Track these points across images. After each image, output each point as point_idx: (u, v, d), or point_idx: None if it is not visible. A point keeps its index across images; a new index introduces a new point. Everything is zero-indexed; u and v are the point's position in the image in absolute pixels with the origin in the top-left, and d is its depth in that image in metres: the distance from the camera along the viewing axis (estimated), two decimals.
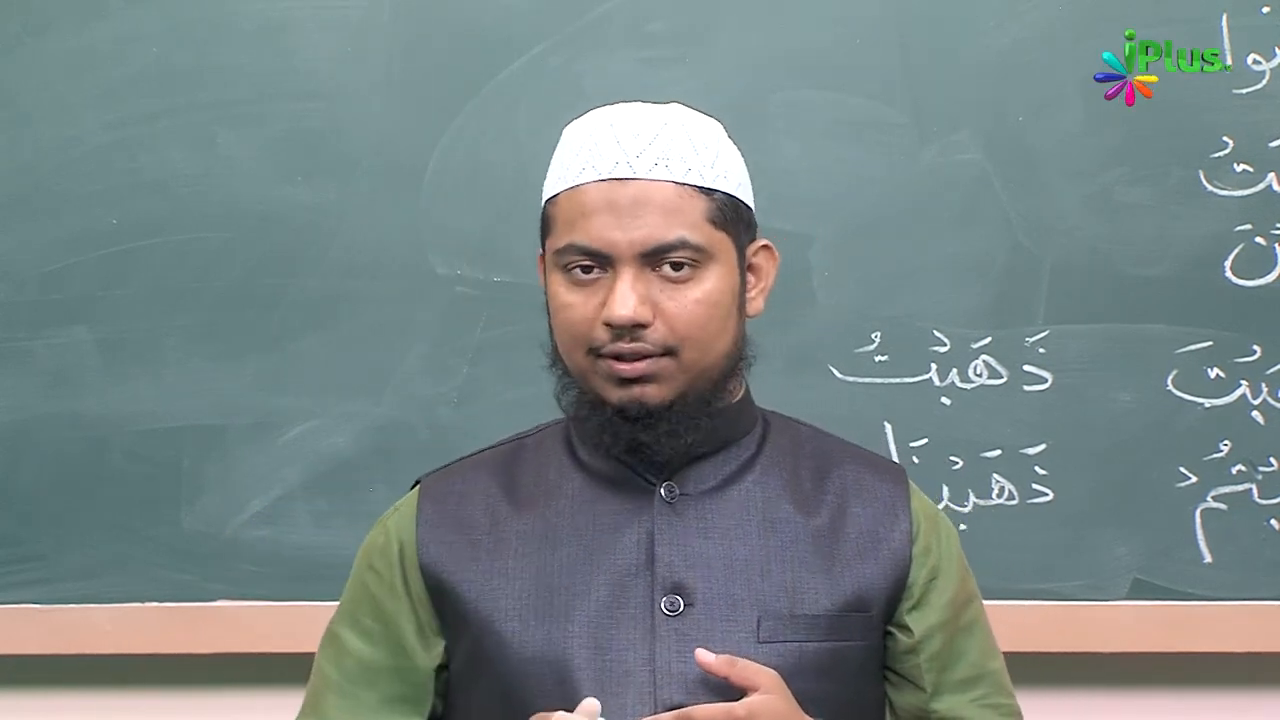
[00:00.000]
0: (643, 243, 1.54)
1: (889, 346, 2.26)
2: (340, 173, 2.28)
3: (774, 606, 1.56)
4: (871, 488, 1.64)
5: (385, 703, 1.63)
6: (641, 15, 2.27)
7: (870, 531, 1.61)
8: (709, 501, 1.61)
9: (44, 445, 2.29)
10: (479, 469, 1.68)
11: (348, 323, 2.29)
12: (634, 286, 1.53)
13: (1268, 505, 2.25)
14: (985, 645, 1.68)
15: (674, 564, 1.57)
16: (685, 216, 1.56)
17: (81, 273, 2.29)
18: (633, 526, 1.59)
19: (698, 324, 1.55)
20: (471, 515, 1.63)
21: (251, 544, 2.29)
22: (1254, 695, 2.32)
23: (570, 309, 1.57)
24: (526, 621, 1.57)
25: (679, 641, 1.54)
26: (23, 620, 2.29)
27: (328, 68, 2.28)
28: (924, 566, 1.63)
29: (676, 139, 1.58)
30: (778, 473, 1.64)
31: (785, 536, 1.60)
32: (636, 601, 1.56)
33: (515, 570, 1.59)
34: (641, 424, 1.56)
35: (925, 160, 2.26)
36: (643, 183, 1.56)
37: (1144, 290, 2.25)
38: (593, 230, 1.55)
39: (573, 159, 1.59)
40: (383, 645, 1.64)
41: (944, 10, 2.25)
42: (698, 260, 1.56)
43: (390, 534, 1.66)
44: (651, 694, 1.53)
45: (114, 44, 2.29)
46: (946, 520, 1.69)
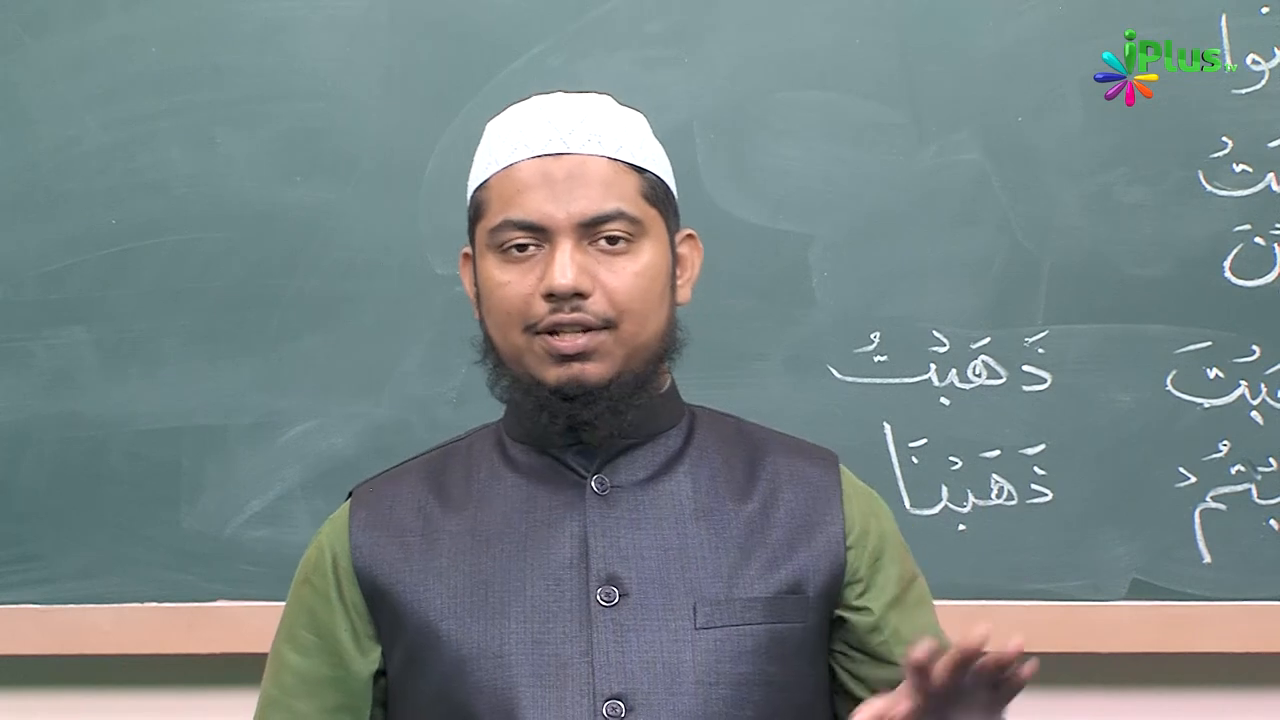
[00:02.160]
0: (580, 214, 1.55)
1: (888, 347, 2.26)
2: (340, 173, 2.28)
3: (709, 592, 1.57)
4: (804, 474, 1.65)
5: (324, 713, 1.63)
6: (641, 15, 2.27)
7: (804, 515, 1.62)
8: (641, 493, 1.61)
9: (44, 445, 2.29)
10: (409, 475, 1.68)
11: (347, 323, 2.29)
12: (573, 256, 1.54)
13: (1267, 505, 2.25)
14: (937, 622, 1.68)
15: (608, 556, 1.58)
16: (620, 190, 1.57)
17: (81, 273, 2.29)
18: (566, 521, 1.59)
19: (637, 296, 1.56)
20: (404, 519, 1.63)
21: (251, 544, 2.29)
22: (1253, 695, 2.32)
23: (506, 286, 1.57)
24: (462, 619, 1.57)
25: (616, 631, 1.55)
26: (22, 620, 2.29)
27: (328, 68, 2.28)
28: (865, 549, 1.63)
29: (606, 119, 1.61)
30: (708, 463, 1.64)
31: (718, 524, 1.60)
32: (572, 594, 1.56)
33: (449, 569, 1.59)
34: (580, 402, 1.56)
35: (925, 160, 2.26)
36: (577, 157, 1.57)
37: (1143, 290, 2.25)
38: (529, 205, 1.56)
39: (501, 145, 1.61)
40: (319, 656, 1.64)
41: (944, 10, 2.25)
42: (633, 234, 1.57)
43: (323, 546, 1.66)
44: (590, 684, 1.53)
45: (114, 44, 2.29)
46: (881, 501, 1.70)
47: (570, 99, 1.64)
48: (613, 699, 1.53)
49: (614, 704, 1.53)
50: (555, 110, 1.61)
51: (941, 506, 2.25)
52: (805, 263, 2.26)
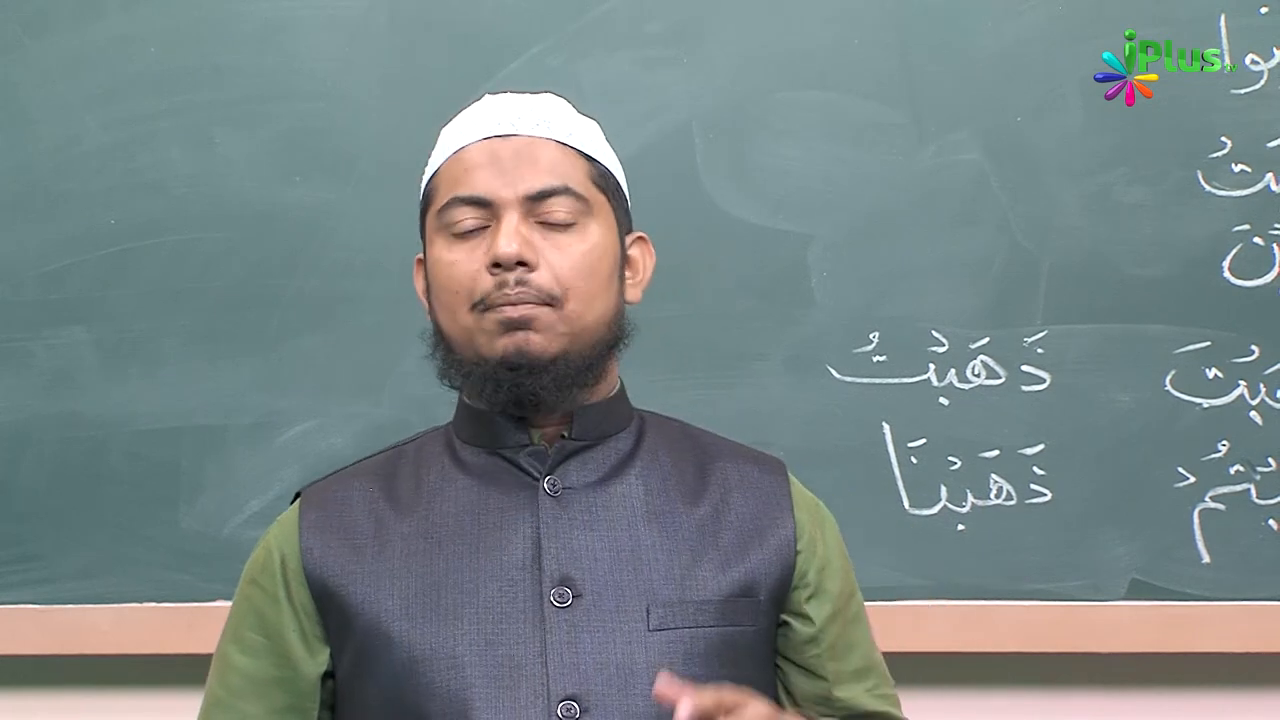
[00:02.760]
0: (527, 189, 1.56)
1: (887, 347, 2.26)
2: (340, 173, 2.28)
3: (662, 594, 1.57)
4: (753, 480, 1.65)
5: (272, 714, 1.62)
6: (641, 15, 2.27)
7: (753, 520, 1.62)
8: (593, 494, 1.61)
9: (43, 445, 2.29)
10: (359, 476, 1.67)
11: (347, 323, 2.29)
12: (518, 228, 1.55)
13: (1266, 505, 2.25)
14: (870, 637, 1.70)
15: (561, 557, 1.57)
16: (568, 170, 1.58)
17: (81, 273, 2.29)
18: (518, 522, 1.59)
19: (582, 273, 1.56)
20: (354, 520, 1.63)
21: (250, 544, 2.24)
22: (1252, 695, 2.32)
23: (454, 265, 1.57)
24: (415, 621, 1.56)
25: (570, 632, 1.55)
26: (21, 620, 2.29)
27: (327, 68, 2.28)
28: (814, 556, 1.64)
29: (557, 111, 1.62)
30: (658, 466, 1.64)
31: (670, 526, 1.60)
32: (525, 596, 1.56)
33: (401, 571, 1.59)
34: (525, 370, 1.55)
35: (924, 160, 2.26)
36: (525, 138, 1.59)
37: (1142, 290, 2.25)
38: (476, 182, 1.57)
39: (451, 139, 1.62)
40: (266, 657, 1.63)
41: (943, 10, 2.25)
42: (580, 212, 1.57)
43: (271, 547, 1.65)
44: (544, 685, 1.53)
45: (114, 44, 2.29)
46: (827, 511, 1.70)
47: (522, 95, 1.66)
48: (567, 700, 1.53)
49: (568, 705, 1.53)
50: (506, 100, 1.64)
51: (941, 507, 2.25)
52: (805, 263, 2.26)
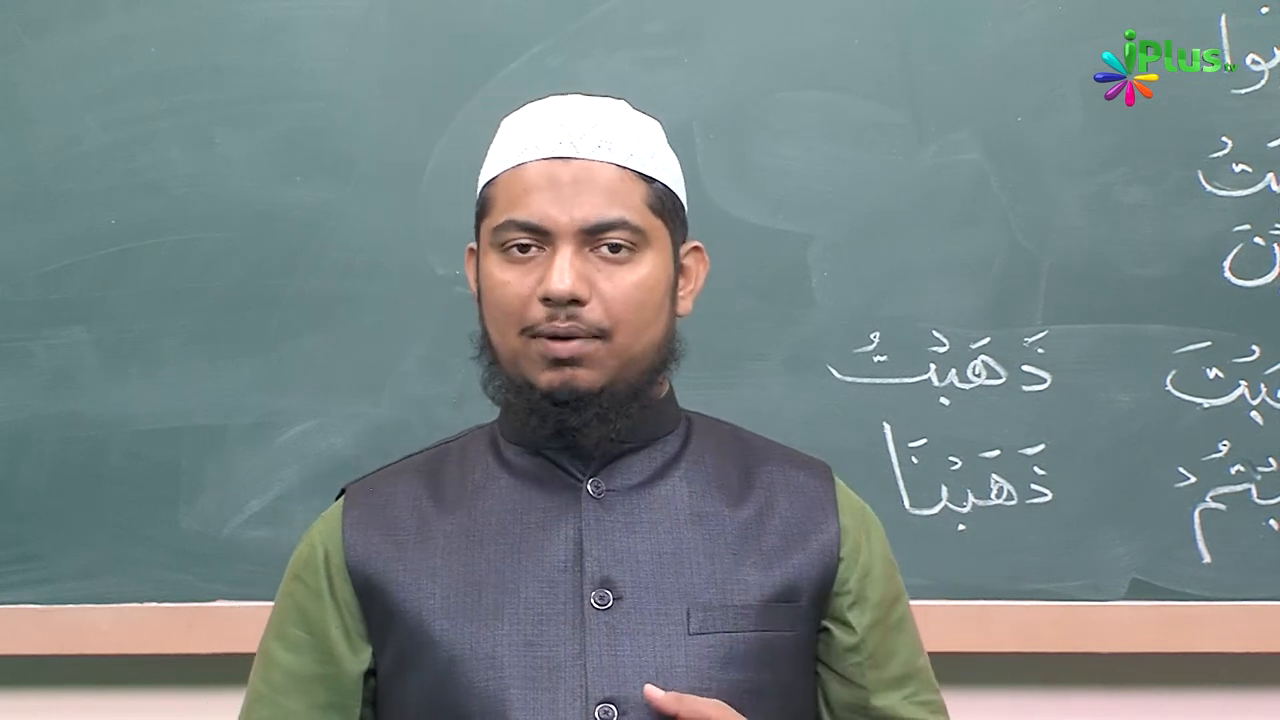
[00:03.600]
0: (583, 220, 1.55)
1: (888, 347, 2.26)
2: (339, 173, 2.28)
3: (703, 598, 1.57)
4: (798, 484, 1.65)
5: (313, 710, 1.62)
6: (641, 15, 2.27)
7: (798, 525, 1.62)
8: (636, 497, 1.61)
9: (43, 445, 2.29)
10: (403, 474, 1.68)
11: (347, 323, 2.29)
12: (572, 262, 1.54)
13: (1266, 505, 2.25)
14: (914, 642, 1.69)
15: (602, 559, 1.57)
16: (626, 198, 1.57)
17: (81, 273, 2.29)
18: (560, 523, 1.59)
19: (633, 307, 1.56)
20: (398, 517, 1.63)
21: (250, 544, 2.29)
22: (1252, 695, 2.32)
23: (505, 286, 1.56)
24: (455, 620, 1.56)
25: (609, 635, 1.55)
26: (21, 620, 2.28)
27: (327, 68, 2.28)
28: (856, 563, 1.63)
29: (619, 126, 1.60)
30: (703, 469, 1.64)
31: (712, 529, 1.60)
32: (566, 597, 1.56)
33: (442, 569, 1.59)
34: (570, 408, 1.55)
35: (924, 160, 2.26)
36: (585, 162, 1.57)
37: (1143, 290, 2.25)
38: (533, 206, 1.56)
39: (512, 143, 1.60)
40: (309, 654, 1.63)
41: (944, 10, 2.26)
42: (636, 243, 1.56)
43: (315, 544, 1.66)
44: (582, 688, 1.53)
45: (114, 44, 2.29)
46: (874, 516, 1.70)
47: (585, 102, 1.63)
48: (605, 702, 1.53)
49: (606, 707, 1.53)
50: (568, 113, 1.61)
51: (941, 506, 2.25)
52: (805, 263, 2.26)
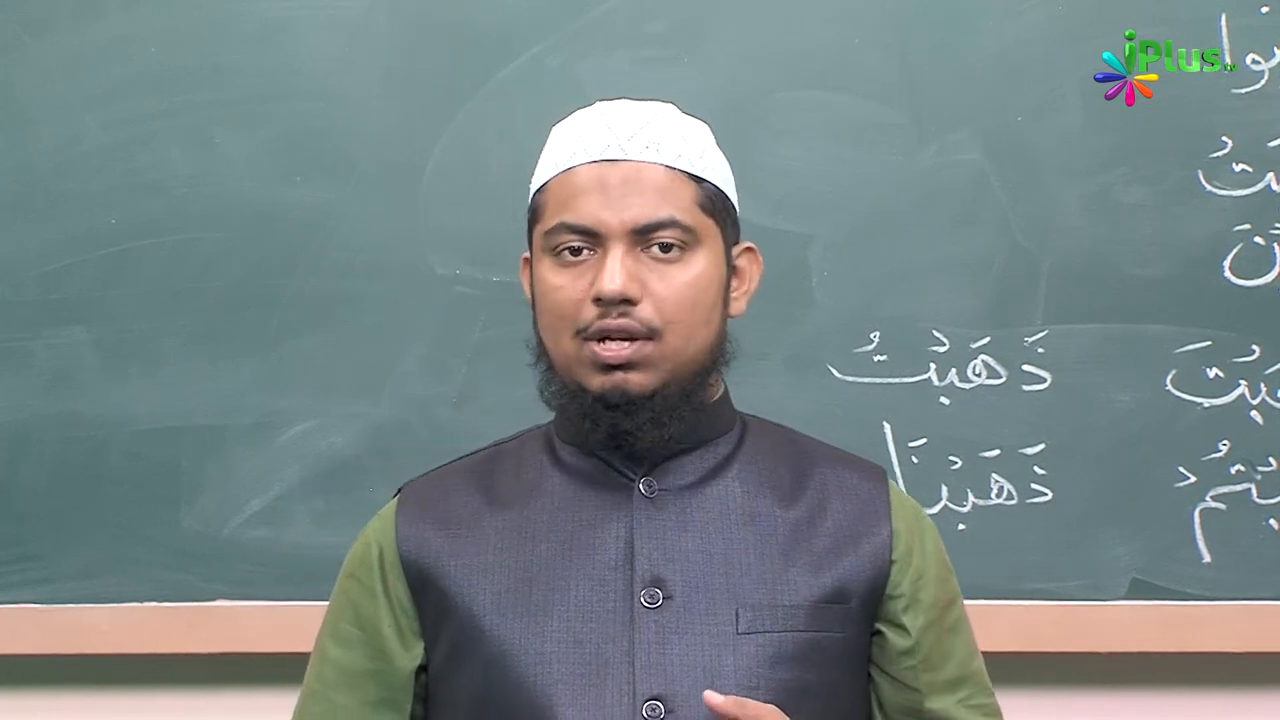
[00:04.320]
0: (633, 220, 1.55)
1: (888, 346, 2.26)
2: (339, 173, 2.28)
3: (753, 598, 1.57)
4: (852, 486, 1.65)
5: (365, 706, 1.63)
6: (641, 15, 2.27)
7: (850, 527, 1.62)
8: (688, 497, 1.61)
9: (43, 445, 2.29)
10: (457, 473, 1.69)
11: (347, 323, 2.29)
12: (623, 262, 1.54)
13: (1266, 505, 2.25)
14: (969, 646, 1.68)
15: (653, 558, 1.58)
16: (675, 198, 1.57)
17: (81, 273, 2.29)
18: (612, 521, 1.59)
19: (685, 306, 1.56)
20: (451, 513, 1.64)
21: (250, 544, 2.29)
22: (1253, 695, 2.32)
23: (559, 290, 1.57)
24: (506, 616, 1.57)
25: (658, 633, 1.55)
26: (21, 620, 2.29)
27: (327, 68, 2.28)
28: (909, 566, 1.63)
29: (666, 128, 1.60)
30: (756, 470, 1.64)
31: (764, 529, 1.60)
32: (616, 595, 1.57)
33: (495, 565, 1.59)
34: (623, 411, 1.56)
35: (924, 160, 2.26)
36: (634, 163, 1.57)
37: (1143, 290, 2.25)
38: (583, 209, 1.56)
39: (561, 148, 1.61)
40: (360, 650, 1.64)
41: (944, 10, 2.25)
42: (686, 242, 1.57)
43: (369, 540, 1.67)
44: (630, 685, 1.53)
45: (114, 44, 2.29)
46: (928, 519, 1.70)
47: (632, 105, 1.63)
48: (652, 700, 1.53)
49: (653, 705, 1.53)
50: (616, 116, 1.61)
51: (941, 506, 2.25)
52: (805, 263, 2.26)
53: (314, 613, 2.25)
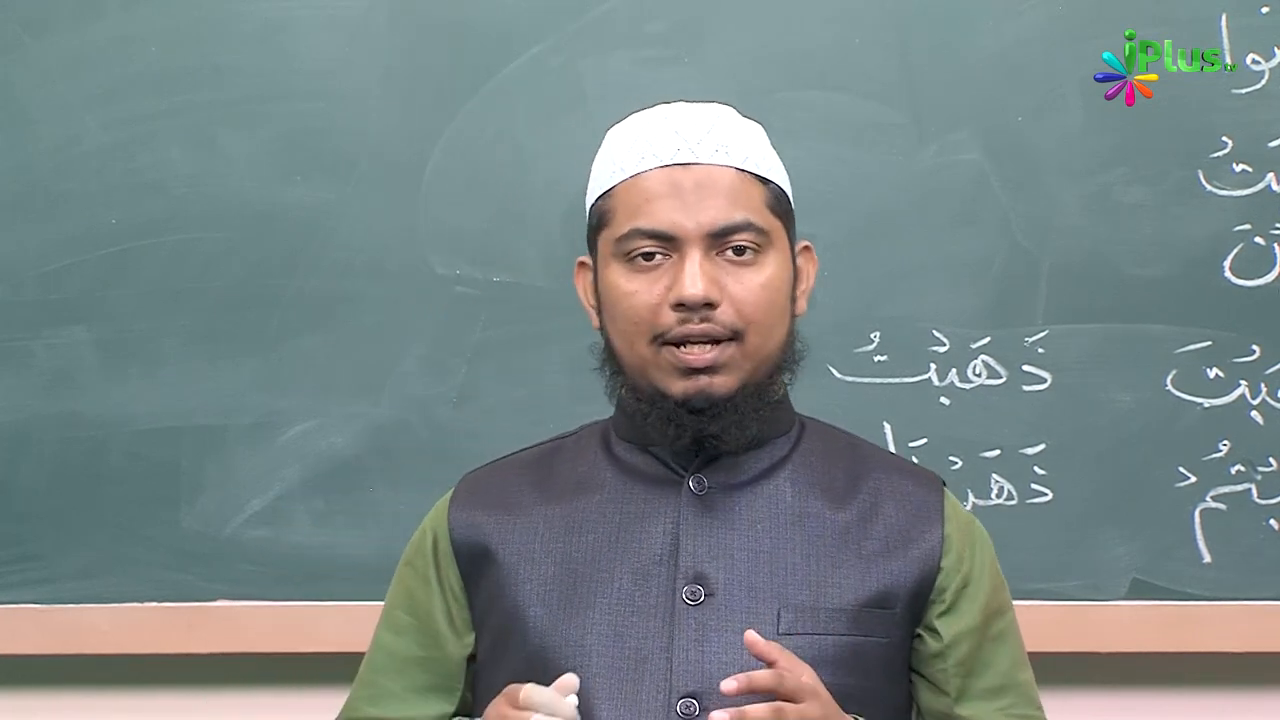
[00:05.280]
0: (710, 224, 1.55)
1: (888, 346, 2.26)
2: (340, 173, 2.28)
3: (795, 599, 1.57)
4: (907, 492, 1.65)
5: (412, 691, 1.65)
6: (641, 15, 2.27)
7: (901, 531, 1.61)
8: (738, 495, 1.61)
9: (44, 445, 2.29)
10: (515, 465, 1.70)
11: (347, 323, 2.29)
12: (702, 266, 1.54)
13: (1267, 505, 2.25)
14: (1015, 656, 1.68)
15: (697, 554, 1.58)
16: (747, 200, 1.58)
17: (81, 273, 2.29)
18: (659, 517, 1.60)
19: (763, 308, 1.57)
20: (503, 502, 1.65)
21: (250, 544, 2.29)
22: (1253, 695, 2.32)
23: (634, 296, 1.57)
24: (549, 606, 1.58)
25: (698, 630, 1.55)
26: (22, 620, 2.29)
27: (327, 68, 2.28)
28: (957, 573, 1.63)
29: (732, 131, 1.61)
30: (809, 472, 1.64)
31: (811, 530, 1.60)
32: (658, 590, 1.57)
33: (541, 554, 1.60)
34: (708, 415, 1.56)
35: (924, 160, 2.26)
36: (706, 167, 1.57)
37: (1143, 290, 2.25)
38: (658, 214, 1.56)
39: (626, 153, 1.60)
40: (411, 636, 1.66)
41: (944, 10, 2.25)
42: (760, 245, 1.57)
43: (425, 528, 1.68)
44: (667, 682, 1.54)
45: (114, 44, 2.29)
46: (982, 530, 1.69)
47: (695, 108, 1.63)
48: (687, 697, 1.53)
49: (688, 702, 1.53)
50: (681, 120, 1.61)
51: None
52: None
53: (314, 613, 2.27)
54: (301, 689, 2.31)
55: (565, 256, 2.26)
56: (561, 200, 2.24)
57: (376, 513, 2.27)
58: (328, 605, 2.26)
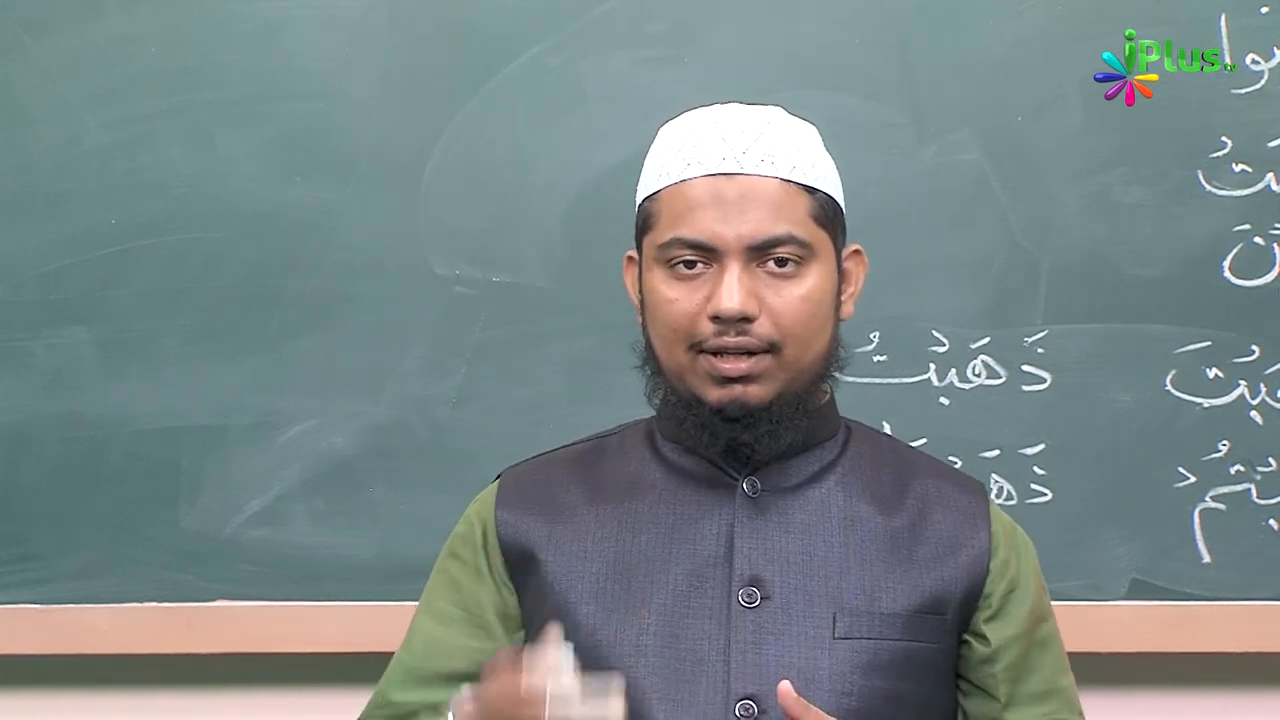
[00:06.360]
0: (750, 236, 1.55)
1: (888, 346, 2.26)
2: (339, 173, 2.28)
3: (851, 603, 1.57)
4: (952, 498, 1.65)
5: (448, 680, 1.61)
6: (641, 15, 2.27)
7: (950, 538, 1.62)
8: (790, 499, 1.61)
9: (43, 445, 2.29)
10: (559, 463, 1.69)
11: (347, 323, 2.29)
12: (741, 280, 1.54)
13: (1266, 505, 2.25)
14: (1058, 662, 1.68)
15: (753, 557, 1.58)
16: (791, 212, 1.57)
17: (81, 273, 2.29)
18: (713, 519, 1.59)
19: (801, 321, 1.56)
20: (551, 499, 1.64)
21: (250, 544, 2.29)
22: (1252, 695, 2.32)
23: (673, 304, 1.56)
24: (604, 604, 1.57)
25: (755, 633, 1.55)
26: (21, 620, 2.29)
27: (327, 68, 2.28)
28: (1003, 579, 1.63)
29: (780, 138, 1.60)
30: (859, 476, 1.64)
31: (864, 535, 1.60)
32: (713, 592, 1.57)
33: (594, 554, 1.60)
34: (742, 424, 1.56)
35: (924, 160, 2.26)
36: (749, 178, 1.57)
37: (1143, 290, 2.25)
38: (699, 224, 1.55)
39: (674, 156, 1.60)
40: (457, 626, 1.64)
41: (944, 10, 2.25)
42: (802, 257, 1.56)
43: (473, 521, 1.67)
44: (725, 684, 1.53)
45: (114, 44, 2.29)
46: (1025, 536, 1.70)
47: (745, 112, 1.63)
48: (745, 699, 1.53)
49: (746, 704, 1.53)
50: (729, 125, 1.60)
51: None
52: None
53: (314, 613, 2.27)
54: (301, 689, 2.32)
55: (565, 256, 2.26)
56: (561, 200, 2.24)
57: (376, 513, 2.27)
58: (328, 605, 2.26)
